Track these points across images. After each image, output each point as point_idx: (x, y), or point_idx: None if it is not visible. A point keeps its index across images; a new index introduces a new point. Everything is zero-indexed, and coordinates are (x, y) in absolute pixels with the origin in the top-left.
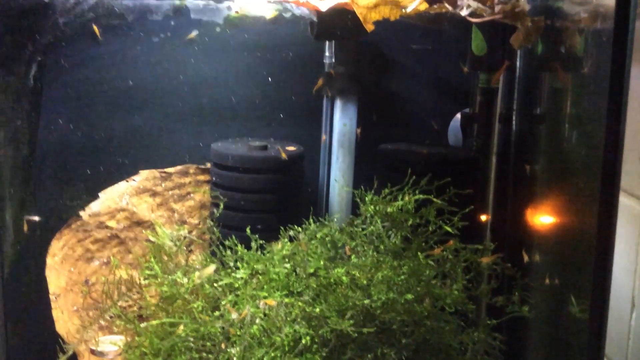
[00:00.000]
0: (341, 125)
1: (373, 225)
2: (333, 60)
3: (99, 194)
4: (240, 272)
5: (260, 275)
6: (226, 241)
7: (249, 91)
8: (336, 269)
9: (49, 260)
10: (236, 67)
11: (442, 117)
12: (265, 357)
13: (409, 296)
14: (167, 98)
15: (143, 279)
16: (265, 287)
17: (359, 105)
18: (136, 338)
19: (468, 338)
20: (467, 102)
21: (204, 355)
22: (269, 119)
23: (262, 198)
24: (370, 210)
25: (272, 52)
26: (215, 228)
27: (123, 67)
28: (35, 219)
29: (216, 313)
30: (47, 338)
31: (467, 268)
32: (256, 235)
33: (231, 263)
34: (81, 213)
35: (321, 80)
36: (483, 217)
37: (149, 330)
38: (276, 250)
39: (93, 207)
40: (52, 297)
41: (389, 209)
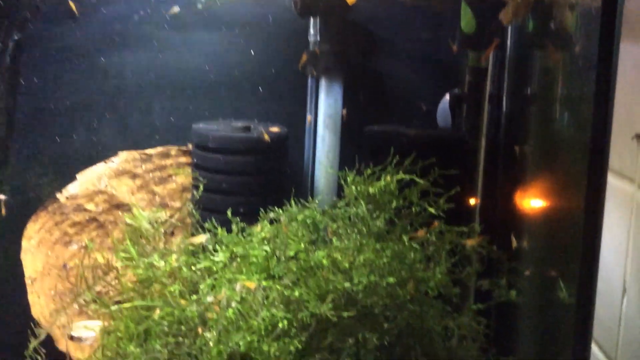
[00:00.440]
0: (326, 105)
1: (357, 207)
2: (318, 38)
3: (76, 176)
4: (219, 255)
5: (239, 258)
6: (206, 224)
7: (233, 70)
8: (317, 252)
9: (25, 243)
10: (219, 46)
11: (431, 98)
12: (241, 342)
13: (391, 280)
14: (148, 76)
15: (119, 263)
16: (244, 271)
17: (345, 85)
18: (112, 322)
19: (453, 323)
20: (457, 82)
21: (180, 339)
22: (253, 99)
23: (245, 180)
24: (352, 191)
25: (256, 30)
26: (195, 211)
27: (103, 46)
28: (9, 201)
29: (193, 297)
30: (23, 322)
31: (453, 251)
32: (237, 218)
33: (210, 246)
34: (58, 195)
35: (304, 55)
36: (472, 200)
37: (124, 314)
38: (255, 232)
39: (70, 190)
40: (28, 281)
41: (371, 190)
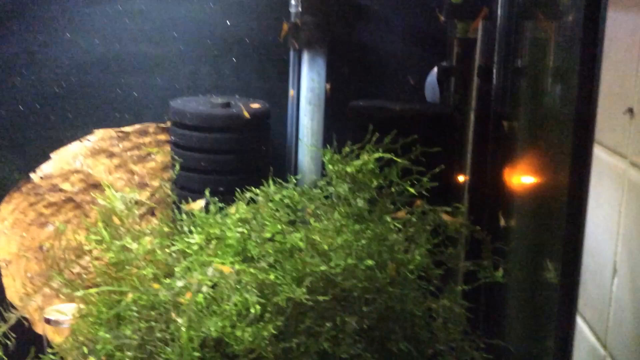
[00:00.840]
0: (309, 80)
1: (338, 186)
2: (299, 9)
3: (51, 155)
4: (194, 237)
5: (214, 240)
6: (183, 205)
7: (212, 44)
8: (294, 234)
9: None
10: (198, 17)
11: (419, 71)
12: (212, 327)
13: (369, 262)
14: (123, 50)
15: (90, 245)
16: (219, 253)
17: (329, 58)
18: (83, 306)
19: (437, 305)
20: (445, 55)
21: (153, 324)
22: (234, 74)
23: (224, 159)
24: (331, 170)
25: (236, 0)
26: (171, 191)
27: (73, 19)
28: None
29: (167, 280)
30: None
31: (435, 231)
32: (216, 198)
33: (186, 228)
34: (31, 175)
35: (285, 25)
36: (461, 178)
37: (96, 298)
38: (230, 213)
39: (44, 169)
40: (2, 264)
41: (349, 169)
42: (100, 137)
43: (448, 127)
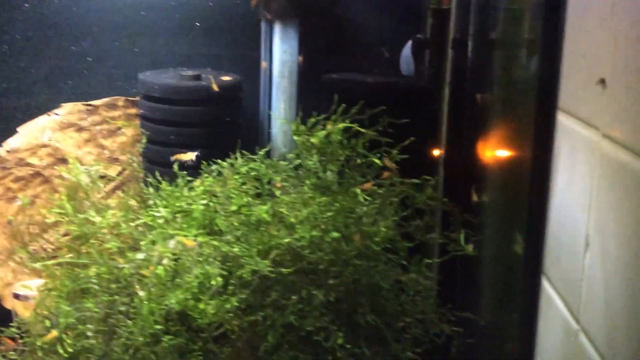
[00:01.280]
0: (281, 52)
1: (307, 159)
2: None
3: (17, 129)
4: (158, 210)
5: (179, 214)
6: (149, 179)
7: (183, 14)
8: (259, 206)
9: None
10: None
11: (394, 44)
12: (173, 300)
13: (335, 234)
14: (91, 22)
15: (52, 218)
16: (185, 227)
17: (301, 30)
18: (47, 281)
19: (406, 278)
20: (419, 26)
21: (115, 297)
22: (205, 46)
23: (194, 132)
24: (298, 141)
25: None
26: (141, 165)
27: None
28: None
29: (130, 254)
30: None
31: (405, 204)
32: (185, 172)
33: (151, 201)
34: None
35: None
36: (436, 152)
37: (59, 272)
38: (195, 186)
39: (11, 143)
40: None
41: (313, 140)
42: (68, 111)
43: (422, 100)
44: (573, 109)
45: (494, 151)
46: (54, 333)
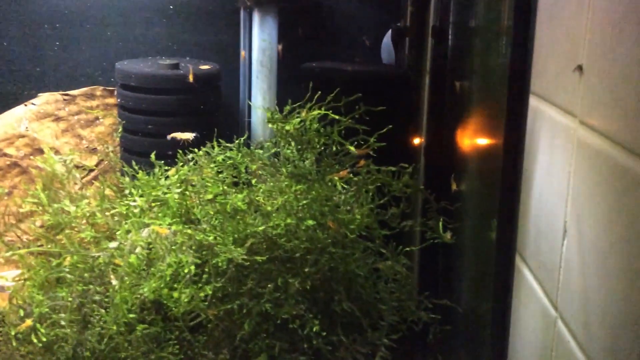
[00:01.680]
0: (260, 41)
1: (284, 147)
2: None
3: None
4: (134, 200)
5: (154, 203)
6: (125, 168)
7: (163, 4)
8: (235, 195)
9: None
10: None
11: (375, 32)
12: (146, 288)
13: (310, 222)
14: (70, 11)
15: (25, 208)
16: (160, 215)
17: (281, 18)
18: (23, 271)
19: (383, 266)
20: (400, 14)
21: (89, 286)
22: (185, 35)
23: (172, 121)
24: (275, 129)
25: None
26: (118, 155)
27: None
28: None
29: (103, 243)
30: None
31: (381, 191)
32: (162, 162)
33: (127, 191)
34: None
35: None
36: (416, 140)
37: (33, 262)
38: (170, 175)
39: None
40: None
41: (287, 127)
42: (45, 101)
43: (402, 89)
44: (551, 96)
45: (474, 139)
46: (29, 322)
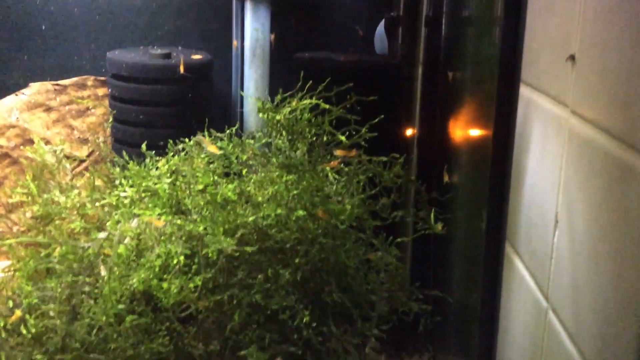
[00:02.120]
0: (253, 30)
1: (276, 137)
2: None
3: None
4: (123, 190)
5: (144, 193)
6: (116, 159)
7: None
8: (225, 186)
9: None
10: None
11: (368, 22)
12: (135, 279)
13: (300, 212)
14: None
15: (14, 198)
16: (150, 206)
17: (273, 7)
18: (12, 261)
19: (374, 257)
20: (393, 4)
21: (79, 277)
22: (177, 24)
23: (163, 111)
24: (265, 119)
25: None
26: (110, 145)
27: None
28: None
29: (93, 234)
30: None
31: (372, 182)
32: (153, 152)
33: (118, 181)
34: None
35: None
36: (409, 131)
37: (22, 253)
38: (160, 165)
39: None
40: None
41: (278, 116)
42: (36, 91)
43: (394, 79)
44: (543, 86)
45: (466, 129)
46: (18, 313)
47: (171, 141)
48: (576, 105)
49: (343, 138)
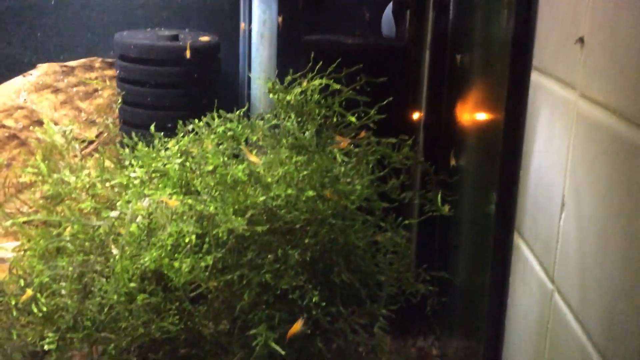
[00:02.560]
0: (261, 12)
1: (285, 119)
2: None
3: None
4: (133, 171)
5: (154, 174)
6: (125, 140)
7: None
8: (236, 166)
9: None
10: None
11: (376, 5)
12: (147, 257)
13: (310, 192)
14: None
15: (24, 178)
16: (160, 186)
17: None
18: (22, 241)
19: (382, 238)
20: None
21: (90, 256)
22: (184, 6)
23: (171, 93)
24: (275, 100)
25: None
26: (118, 127)
27: None
28: None
29: (104, 213)
30: None
31: (380, 164)
32: (162, 134)
33: (127, 162)
34: None
35: None
36: (416, 114)
37: (33, 232)
38: (170, 146)
39: None
40: None
41: (288, 97)
42: (44, 72)
43: (402, 62)
44: (552, 70)
45: (473, 113)
46: (29, 292)
47: (180, 122)
48: (585, 88)
49: (353, 119)
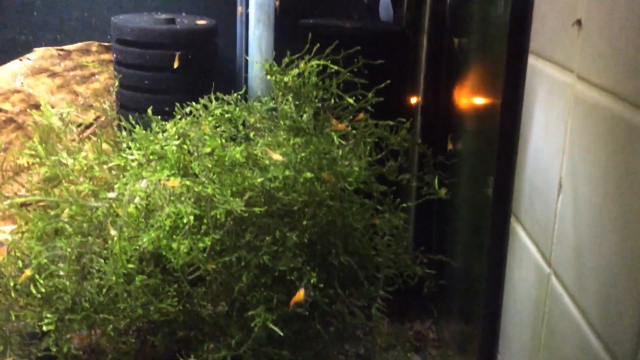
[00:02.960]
0: None
1: (282, 101)
2: None
3: None
4: (131, 154)
5: (152, 156)
6: (123, 123)
7: None
8: (233, 148)
9: None
10: None
11: None
12: (145, 238)
13: (308, 174)
14: None
15: (22, 159)
16: (157, 168)
17: None
18: (20, 223)
19: (380, 221)
20: None
21: (88, 238)
22: None
23: (168, 77)
24: (273, 82)
25: None
26: (115, 111)
27: None
28: None
29: (103, 194)
30: None
31: (378, 146)
32: (159, 117)
33: (125, 145)
34: None
35: None
36: (413, 99)
37: (31, 214)
38: (168, 128)
39: None
40: None
41: (286, 79)
42: (40, 56)
43: (399, 46)
44: (549, 53)
45: (471, 97)
46: (27, 273)
47: (178, 105)
48: (582, 70)
49: (351, 101)
